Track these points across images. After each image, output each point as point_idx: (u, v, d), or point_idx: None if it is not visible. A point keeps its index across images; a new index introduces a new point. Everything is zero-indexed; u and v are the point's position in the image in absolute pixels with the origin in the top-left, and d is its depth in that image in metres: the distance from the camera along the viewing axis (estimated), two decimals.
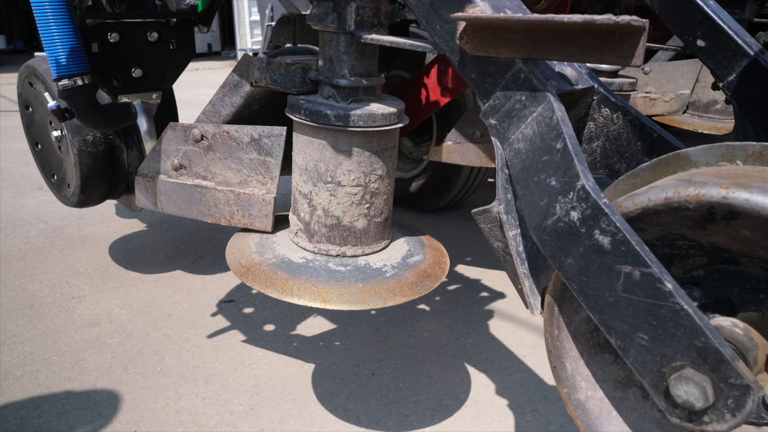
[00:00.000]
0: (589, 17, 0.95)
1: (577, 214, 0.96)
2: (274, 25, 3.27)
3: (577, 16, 0.97)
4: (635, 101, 3.48)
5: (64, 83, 1.85)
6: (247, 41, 13.03)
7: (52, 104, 1.99)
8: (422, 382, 2.22)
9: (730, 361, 0.84)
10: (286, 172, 1.77)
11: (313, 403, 2.08)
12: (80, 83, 1.87)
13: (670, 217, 0.93)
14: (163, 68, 2.47)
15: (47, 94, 2.28)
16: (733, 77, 1.57)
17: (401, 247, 1.78)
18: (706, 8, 1.59)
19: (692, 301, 0.89)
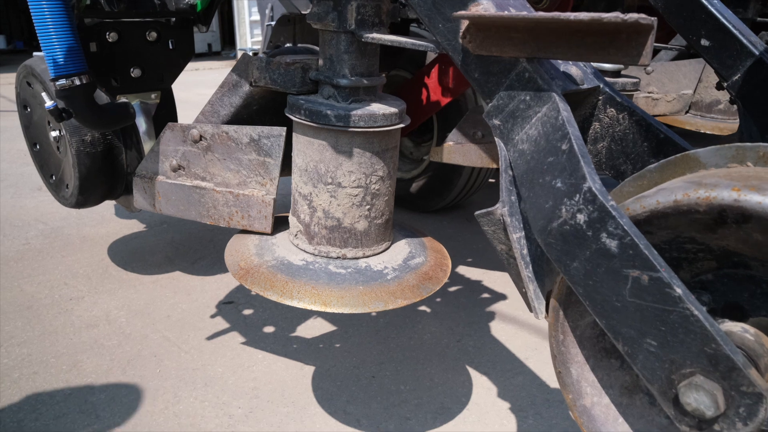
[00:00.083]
0: (596, 15, 0.92)
1: (583, 216, 0.94)
2: (274, 24, 3.25)
3: (583, 14, 0.94)
4: (637, 101, 3.46)
5: (61, 83, 1.83)
6: (247, 41, 13.03)
7: (49, 104, 1.97)
8: (423, 384, 2.20)
9: (741, 368, 0.82)
10: (285, 173, 1.75)
11: (313, 406, 2.06)
12: (78, 83, 1.85)
13: (679, 220, 0.90)
14: (162, 68, 2.45)
15: (45, 94, 2.26)
16: (737, 77, 1.55)
17: (402, 249, 1.76)
18: (710, 7, 1.57)
19: (701, 305, 0.87)
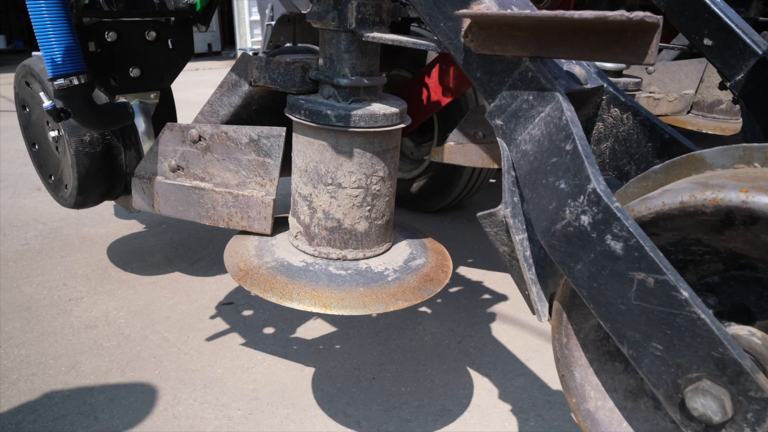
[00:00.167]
0: (601, 13, 0.91)
1: (587, 218, 0.92)
2: (274, 24, 3.24)
3: (588, 12, 0.93)
4: (638, 101, 3.44)
5: (59, 83, 1.81)
6: (247, 41, 13.02)
7: (47, 104, 1.96)
8: (424, 386, 2.18)
9: (750, 373, 0.80)
10: (285, 173, 1.74)
11: (313, 407, 2.05)
12: (76, 83, 1.83)
13: (685, 221, 0.89)
14: (161, 68, 2.44)
15: (43, 93, 2.25)
16: (740, 77, 1.54)
17: (403, 250, 1.75)
18: (713, 6, 1.55)
19: (708, 308, 0.85)
